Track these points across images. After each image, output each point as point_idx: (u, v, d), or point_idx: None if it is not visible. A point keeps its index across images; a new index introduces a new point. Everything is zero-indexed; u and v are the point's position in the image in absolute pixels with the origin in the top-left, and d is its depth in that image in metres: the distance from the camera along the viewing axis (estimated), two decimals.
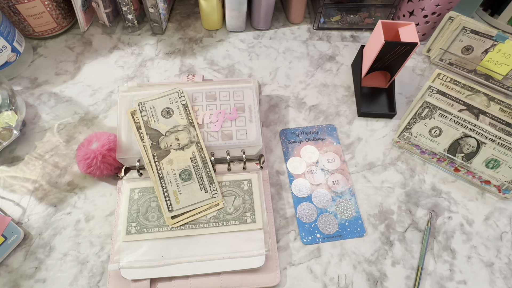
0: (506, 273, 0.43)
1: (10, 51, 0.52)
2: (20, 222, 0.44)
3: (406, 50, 0.48)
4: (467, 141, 0.47)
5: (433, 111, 0.47)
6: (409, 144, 0.50)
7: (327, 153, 0.51)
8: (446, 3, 0.56)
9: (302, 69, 0.60)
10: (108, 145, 0.44)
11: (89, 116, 0.53)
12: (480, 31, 0.54)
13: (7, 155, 0.48)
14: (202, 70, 0.59)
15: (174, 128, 0.45)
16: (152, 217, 0.42)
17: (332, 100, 0.56)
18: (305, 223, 0.45)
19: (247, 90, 0.48)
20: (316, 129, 0.53)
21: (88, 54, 0.59)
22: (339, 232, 0.44)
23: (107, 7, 0.58)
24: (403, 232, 0.45)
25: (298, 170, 0.49)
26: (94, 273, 0.41)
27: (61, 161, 0.48)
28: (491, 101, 0.52)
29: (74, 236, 0.43)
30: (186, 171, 0.43)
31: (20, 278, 0.40)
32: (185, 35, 0.63)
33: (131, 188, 0.44)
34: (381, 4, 0.61)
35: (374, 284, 0.41)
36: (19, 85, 0.55)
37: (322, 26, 0.65)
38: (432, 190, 0.48)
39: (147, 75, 0.58)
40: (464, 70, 0.59)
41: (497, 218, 0.47)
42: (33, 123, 0.51)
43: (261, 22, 0.63)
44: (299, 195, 0.47)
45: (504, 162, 0.46)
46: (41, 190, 0.46)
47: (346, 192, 0.47)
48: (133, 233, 0.41)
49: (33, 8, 0.54)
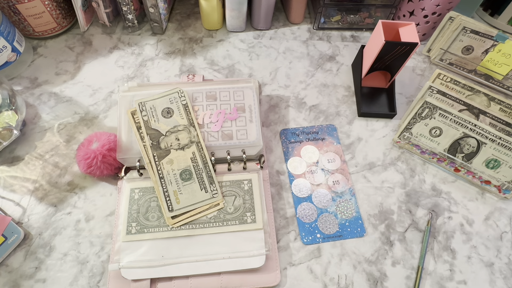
0: (506, 273, 0.43)
1: (10, 51, 0.52)
2: (20, 222, 0.44)
3: (406, 50, 0.48)
4: (467, 141, 0.47)
5: (433, 111, 0.47)
6: (409, 144, 0.50)
7: (328, 153, 0.51)
8: (446, 3, 0.56)
9: (302, 69, 0.60)
10: (108, 145, 0.44)
11: (89, 116, 0.53)
12: (480, 31, 0.54)
13: (7, 155, 0.48)
14: (202, 70, 0.59)
15: (174, 128, 0.45)
16: (152, 217, 0.42)
17: (332, 100, 0.56)
18: (305, 223, 0.45)
19: (247, 90, 0.48)
20: (316, 129, 0.53)
21: (88, 54, 0.59)
22: (339, 232, 0.44)
23: (107, 7, 0.58)
24: (403, 232, 0.45)
25: (298, 170, 0.49)
26: (94, 273, 0.41)
27: (61, 161, 0.48)
28: (491, 101, 0.52)
29: (74, 236, 0.43)
30: (186, 171, 0.43)
31: (20, 278, 0.40)
32: (185, 35, 0.63)
33: (131, 188, 0.44)
34: (381, 4, 0.61)
35: (374, 284, 0.41)
36: (19, 85, 0.55)
37: (322, 26, 0.65)
38: (432, 190, 0.48)
39: (147, 75, 0.58)
40: (464, 70, 0.59)
41: (497, 218, 0.47)
42: (33, 123, 0.51)
43: (261, 22, 0.63)
44: (299, 195, 0.47)
45: (504, 162, 0.46)
46: (41, 190, 0.46)
47: (346, 192, 0.47)
48: (133, 233, 0.41)
49: (33, 8, 0.54)
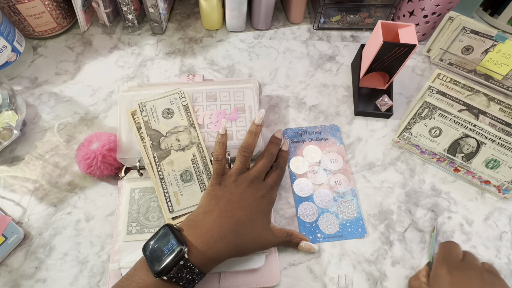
0: (505, 273, 0.43)
1: (10, 51, 0.52)
2: (20, 222, 0.44)
3: (405, 51, 0.47)
4: (467, 141, 0.47)
5: (433, 111, 0.47)
6: (409, 144, 0.50)
7: (330, 153, 0.51)
8: (446, 3, 0.56)
9: (302, 69, 0.60)
10: (109, 145, 0.44)
11: (89, 116, 0.53)
12: (480, 31, 0.54)
13: (8, 155, 0.49)
14: (202, 70, 0.59)
15: (174, 129, 0.45)
16: (152, 217, 0.42)
17: (332, 100, 0.56)
18: (306, 223, 0.45)
19: (248, 90, 0.48)
20: (319, 129, 0.53)
21: (88, 54, 0.60)
22: (340, 232, 0.45)
23: (107, 7, 0.58)
24: (403, 232, 0.45)
25: (300, 169, 0.49)
26: (94, 273, 0.41)
27: (62, 161, 0.48)
28: (491, 101, 0.52)
29: (74, 236, 0.43)
30: (186, 172, 0.44)
31: (20, 278, 0.40)
32: (185, 35, 0.63)
33: (131, 188, 0.44)
34: (381, 4, 0.61)
35: (374, 284, 0.42)
36: (19, 85, 0.55)
37: (322, 26, 0.65)
38: (432, 190, 0.48)
39: (147, 75, 0.58)
40: (464, 70, 0.60)
41: (497, 218, 0.47)
42: (33, 123, 0.52)
43: (261, 22, 0.63)
44: (301, 195, 0.47)
45: (504, 162, 0.46)
46: (42, 190, 0.46)
47: (348, 193, 0.47)
48: (133, 233, 0.41)
49: (33, 8, 0.54)
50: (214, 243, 0.35)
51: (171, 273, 0.32)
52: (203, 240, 0.35)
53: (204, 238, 0.35)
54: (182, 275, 0.33)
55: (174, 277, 0.33)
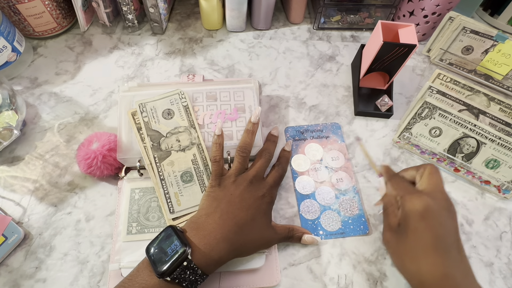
0: (505, 273, 0.43)
1: (11, 51, 0.52)
2: (21, 222, 0.44)
3: (405, 51, 0.47)
4: (467, 141, 0.47)
5: (433, 111, 0.47)
6: (409, 144, 0.50)
7: (332, 151, 0.51)
8: (446, 3, 0.56)
9: (302, 69, 0.60)
10: (109, 145, 0.44)
11: (90, 116, 0.53)
12: (480, 31, 0.54)
13: (8, 155, 0.49)
14: (202, 70, 0.59)
15: (175, 129, 0.45)
16: (152, 217, 0.42)
17: (332, 100, 0.56)
18: (308, 220, 0.45)
19: (248, 90, 0.48)
20: (320, 127, 0.53)
21: (88, 54, 0.59)
22: (342, 229, 0.45)
23: (107, 7, 0.58)
24: None
25: (302, 167, 0.49)
26: (95, 273, 0.41)
27: (62, 161, 0.48)
28: (491, 101, 0.52)
29: (74, 236, 0.43)
30: (187, 173, 0.43)
31: (20, 278, 0.40)
32: (185, 35, 0.63)
33: (131, 188, 0.44)
34: (381, 4, 0.61)
35: (374, 284, 0.42)
36: (19, 85, 0.55)
37: (322, 26, 0.65)
38: None
39: (147, 75, 0.58)
40: (464, 70, 0.60)
41: (497, 218, 0.47)
42: (33, 123, 0.52)
43: (261, 22, 0.63)
44: (303, 192, 0.47)
45: (504, 162, 0.46)
46: (42, 190, 0.46)
47: (350, 190, 0.47)
48: (133, 233, 0.41)
49: (33, 8, 0.54)
50: (217, 244, 0.35)
51: (174, 274, 0.32)
52: (206, 242, 0.35)
53: (207, 240, 0.35)
54: (185, 276, 0.33)
55: (177, 278, 0.33)
